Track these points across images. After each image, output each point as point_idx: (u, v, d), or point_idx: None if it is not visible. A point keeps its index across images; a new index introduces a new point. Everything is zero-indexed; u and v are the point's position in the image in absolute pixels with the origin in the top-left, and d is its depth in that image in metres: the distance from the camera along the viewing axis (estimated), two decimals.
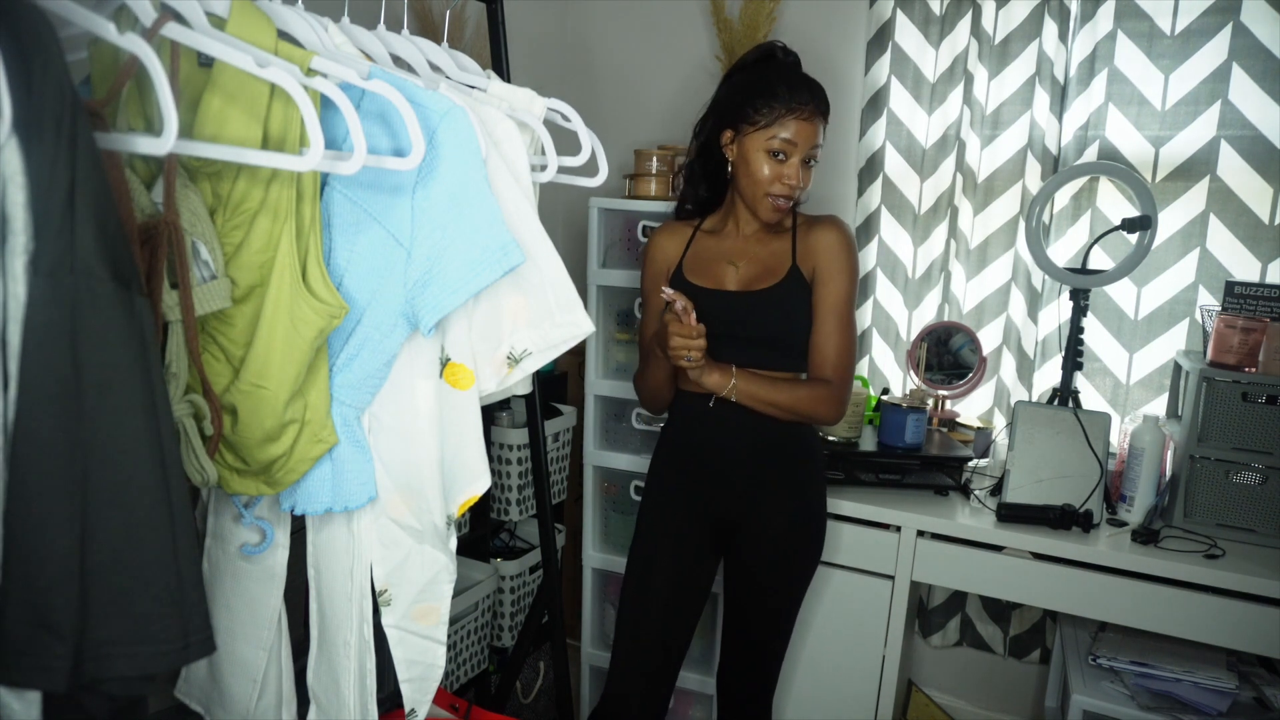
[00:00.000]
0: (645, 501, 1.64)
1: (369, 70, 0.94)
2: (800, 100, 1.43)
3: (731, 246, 1.56)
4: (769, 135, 1.44)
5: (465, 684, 2.00)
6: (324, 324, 0.93)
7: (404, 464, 1.06)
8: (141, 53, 0.74)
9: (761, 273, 1.53)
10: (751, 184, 1.48)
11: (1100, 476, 1.72)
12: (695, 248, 1.58)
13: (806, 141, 1.44)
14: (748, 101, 1.46)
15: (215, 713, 1.17)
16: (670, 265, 1.59)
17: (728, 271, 1.54)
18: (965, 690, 2.25)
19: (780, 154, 1.45)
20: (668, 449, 1.63)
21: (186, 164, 0.89)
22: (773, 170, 1.45)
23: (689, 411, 1.57)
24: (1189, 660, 1.72)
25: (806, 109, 1.43)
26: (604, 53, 2.48)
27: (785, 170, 1.45)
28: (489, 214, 0.97)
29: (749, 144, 1.46)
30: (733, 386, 1.45)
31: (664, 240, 1.62)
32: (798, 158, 1.45)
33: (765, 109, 1.44)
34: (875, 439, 1.94)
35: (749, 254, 1.55)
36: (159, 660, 0.72)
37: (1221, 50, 1.83)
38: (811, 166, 1.48)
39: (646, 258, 1.63)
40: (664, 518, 1.60)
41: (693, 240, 1.59)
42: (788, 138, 1.43)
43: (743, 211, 1.55)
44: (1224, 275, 1.87)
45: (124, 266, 0.70)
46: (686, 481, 1.58)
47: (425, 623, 1.14)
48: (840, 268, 1.50)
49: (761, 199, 1.48)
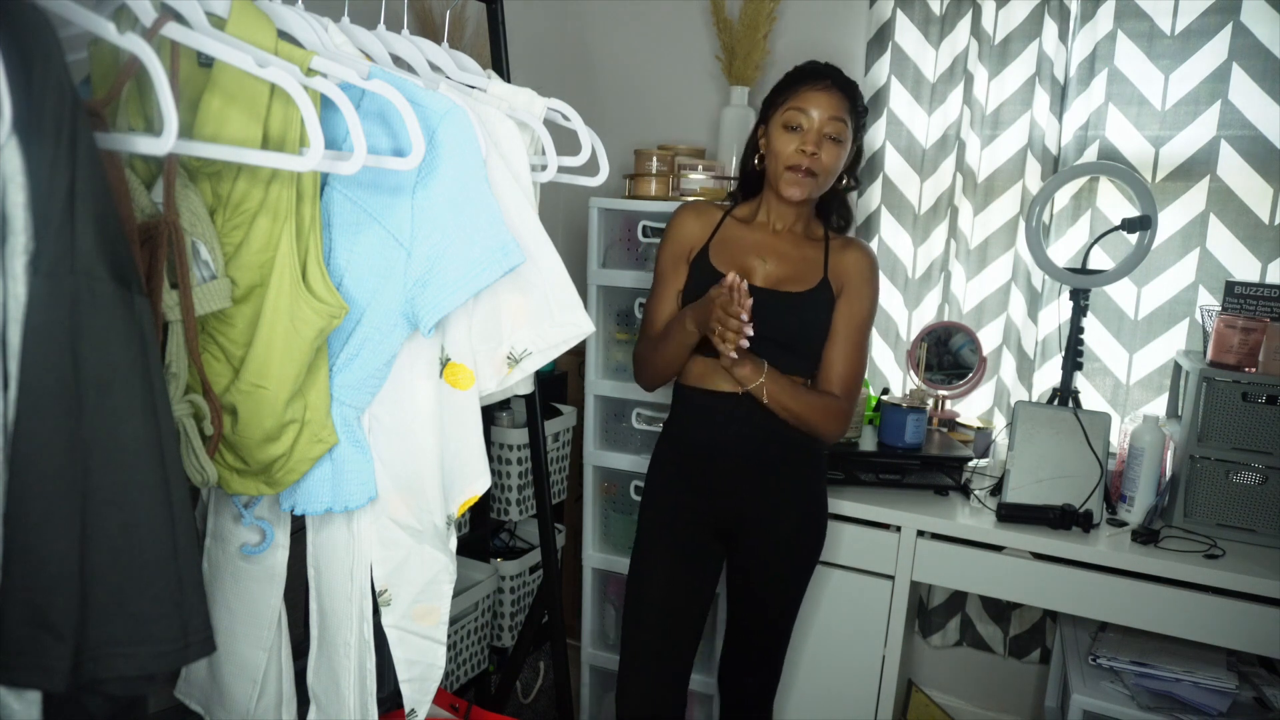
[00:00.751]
0: (647, 505, 1.61)
1: (369, 70, 0.94)
2: (817, 75, 1.46)
3: (761, 240, 1.54)
4: (785, 109, 1.46)
5: (465, 684, 2.00)
6: (324, 324, 0.93)
7: (404, 464, 1.06)
8: (141, 53, 0.74)
9: (791, 275, 1.51)
10: (773, 161, 1.48)
11: (1100, 476, 1.72)
12: (723, 233, 1.55)
13: (822, 110, 1.44)
14: (774, 93, 1.51)
15: (215, 713, 1.17)
16: (695, 247, 1.55)
17: (756, 265, 1.52)
18: (965, 690, 2.25)
19: (797, 126, 1.45)
20: (670, 449, 1.60)
21: (186, 164, 0.89)
22: (791, 143, 1.45)
23: (695, 410, 1.54)
24: (1189, 660, 1.72)
25: (822, 81, 1.45)
26: (604, 53, 2.48)
27: (803, 140, 1.45)
28: (489, 214, 0.97)
29: (772, 126, 1.49)
30: (761, 384, 1.44)
31: (690, 220, 1.57)
32: (815, 128, 1.44)
33: (786, 90, 1.48)
34: (875, 439, 1.94)
35: (779, 252, 1.53)
36: (159, 660, 0.72)
37: (1221, 50, 1.83)
38: (839, 145, 1.46)
39: (670, 234, 1.58)
40: (668, 522, 1.58)
41: (721, 225, 1.56)
42: (802, 107, 1.44)
43: (773, 202, 1.53)
44: (1224, 275, 1.87)
45: (124, 266, 0.70)
46: (690, 483, 1.56)
47: (425, 623, 1.14)
48: (869, 291, 1.54)
49: (782, 173, 1.47)
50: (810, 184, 1.46)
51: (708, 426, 1.53)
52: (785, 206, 1.52)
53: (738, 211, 1.58)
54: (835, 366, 1.51)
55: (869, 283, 1.53)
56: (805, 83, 1.46)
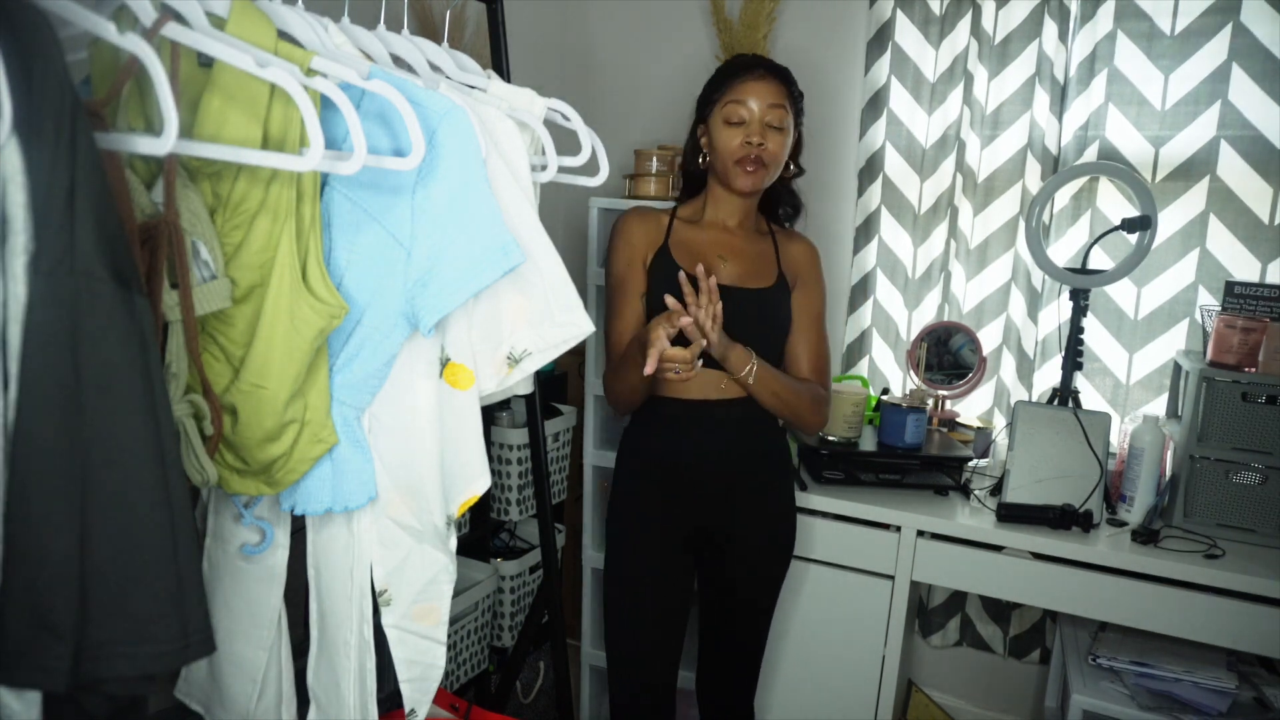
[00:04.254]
0: (620, 516, 1.57)
1: (369, 70, 0.94)
2: (748, 66, 1.47)
3: (717, 238, 1.54)
4: (725, 103, 1.47)
5: (465, 684, 2.00)
6: (324, 324, 0.93)
7: (404, 464, 1.06)
8: (141, 53, 0.74)
9: (751, 271, 1.52)
10: (720, 158, 1.48)
11: (1100, 476, 1.72)
12: (676, 236, 1.53)
13: (761, 100, 1.44)
14: (708, 90, 1.51)
15: (215, 713, 1.17)
16: (648, 252, 1.52)
17: (718, 264, 1.51)
18: (965, 690, 2.25)
19: (739, 120, 1.45)
20: (636, 459, 1.56)
21: (186, 164, 0.89)
22: (736, 136, 1.45)
23: (663, 420, 1.52)
24: (1189, 660, 1.72)
25: (757, 71, 1.46)
26: (604, 53, 2.48)
27: (747, 132, 1.45)
28: (489, 214, 0.97)
29: (713, 123, 1.49)
30: (752, 369, 1.43)
31: (637, 226, 1.53)
32: (757, 119, 1.45)
33: (721, 85, 1.49)
34: (875, 439, 1.94)
35: (735, 249, 1.53)
36: (159, 660, 0.72)
37: (1221, 50, 1.83)
38: (782, 133, 1.47)
39: (620, 241, 1.53)
40: (644, 536, 1.55)
41: (671, 228, 1.54)
42: (741, 99, 1.45)
43: (722, 198, 1.53)
44: (1224, 275, 1.87)
45: (124, 266, 0.70)
46: (663, 491, 1.53)
47: (425, 623, 1.14)
48: (820, 279, 1.61)
49: (732, 168, 1.47)
50: (762, 174, 1.47)
51: (676, 436, 1.51)
52: (735, 201, 1.52)
53: (681, 213, 1.57)
54: (804, 357, 1.54)
55: (819, 271, 1.60)
56: (739, 75, 1.47)
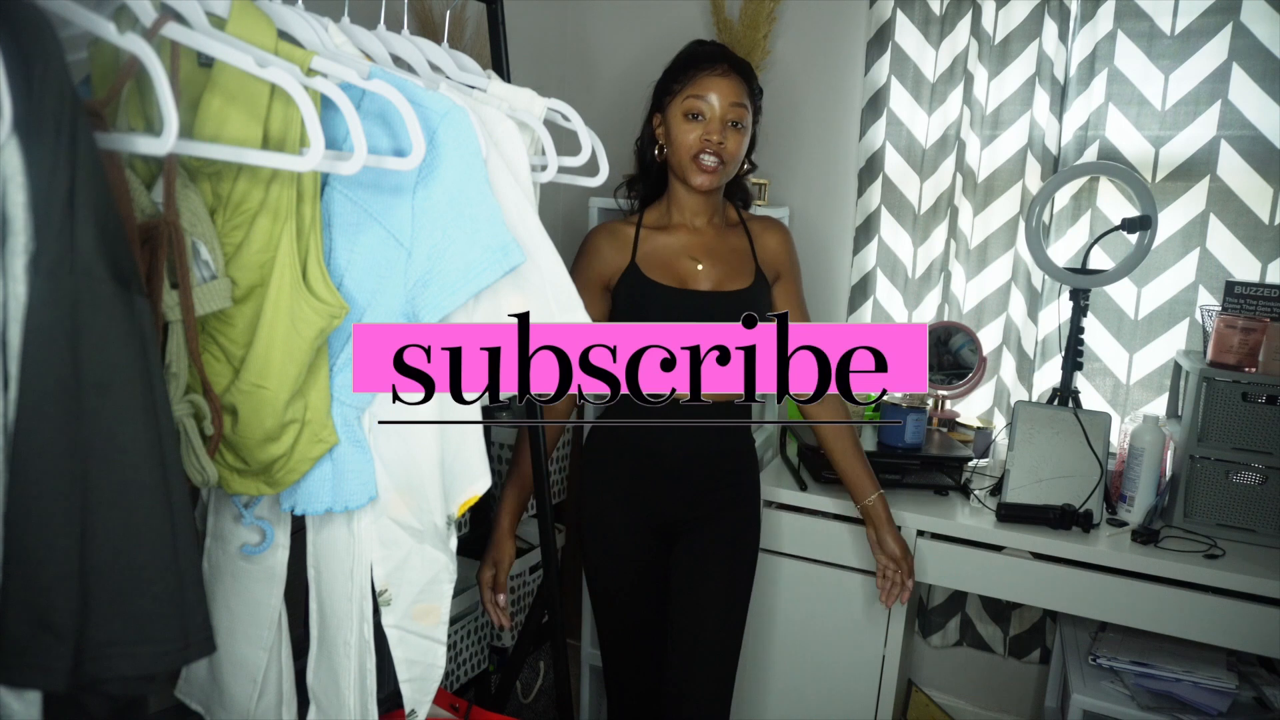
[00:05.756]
0: (594, 522, 1.56)
1: (369, 70, 0.94)
2: (711, 59, 1.45)
3: (688, 241, 1.52)
4: (684, 97, 1.45)
5: (465, 684, 2.00)
6: (324, 324, 0.93)
7: (404, 464, 1.06)
8: (141, 53, 0.74)
9: (728, 272, 1.51)
10: (677, 152, 1.46)
11: (1100, 476, 1.72)
12: (645, 246, 1.51)
13: (723, 97, 1.43)
14: (667, 79, 1.49)
15: (215, 713, 1.17)
16: (614, 275, 1.51)
17: (692, 270, 1.50)
18: (965, 690, 2.25)
19: (698, 114, 1.44)
20: (603, 456, 1.56)
21: (187, 164, 0.89)
22: (694, 131, 1.44)
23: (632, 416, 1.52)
24: (1189, 660, 1.72)
25: (719, 67, 1.44)
26: (604, 53, 2.48)
27: (706, 129, 1.44)
28: (489, 214, 0.97)
29: (670, 116, 1.47)
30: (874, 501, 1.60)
31: (605, 244, 1.51)
32: (717, 116, 1.44)
33: (681, 76, 1.46)
34: (875, 439, 1.94)
35: (710, 250, 1.51)
36: (159, 660, 0.72)
37: (1221, 50, 1.83)
38: (741, 131, 1.46)
39: (584, 261, 1.51)
40: (620, 541, 1.55)
41: (639, 240, 1.52)
42: (702, 95, 1.43)
43: (684, 198, 1.51)
44: (1224, 275, 1.87)
45: (124, 266, 0.70)
46: (634, 492, 1.53)
47: (425, 622, 1.14)
48: (797, 267, 1.61)
49: (689, 164, 1.45)
50: (720, 173, 1.46)
51: (648, 434, 1.51)
52: (697, 199, 1.51)
53: (647, 219, 1.55)
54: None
55: (795, 257, 1.61)
56: (701, 68, 1.45)
